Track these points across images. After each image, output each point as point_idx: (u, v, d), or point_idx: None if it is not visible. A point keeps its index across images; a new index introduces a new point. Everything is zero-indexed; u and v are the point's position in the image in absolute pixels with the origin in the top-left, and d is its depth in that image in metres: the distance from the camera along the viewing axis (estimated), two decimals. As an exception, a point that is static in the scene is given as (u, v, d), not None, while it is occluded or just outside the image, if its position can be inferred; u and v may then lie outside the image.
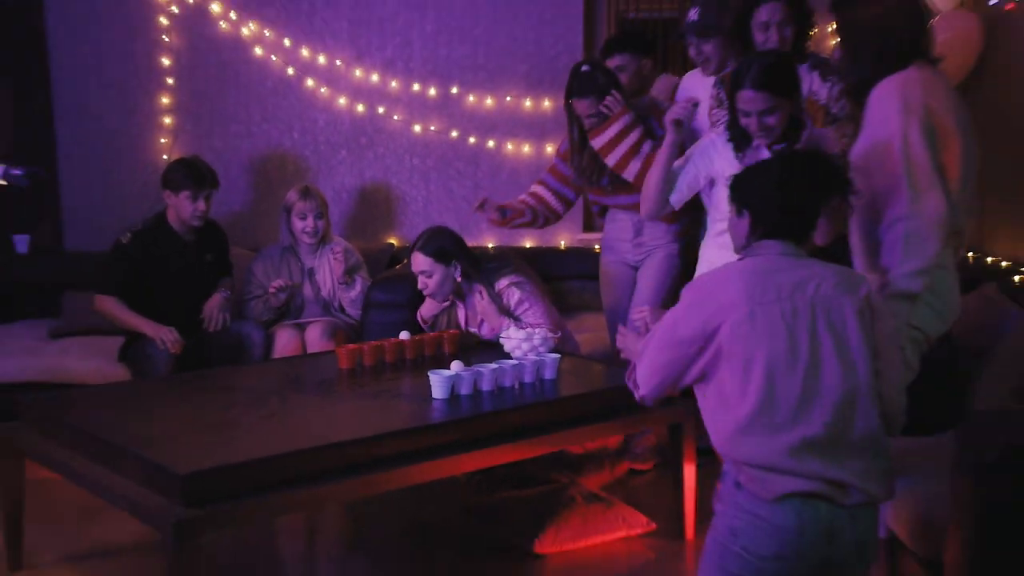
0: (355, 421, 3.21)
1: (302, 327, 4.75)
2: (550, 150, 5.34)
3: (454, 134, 5.70)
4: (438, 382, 3.30)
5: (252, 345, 4.58)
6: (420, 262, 4.02)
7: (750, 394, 2.18)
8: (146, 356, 4.41)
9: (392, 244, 5.71)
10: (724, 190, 2.89)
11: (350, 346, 3.84)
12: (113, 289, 4.50)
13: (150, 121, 5.75)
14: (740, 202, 2.42)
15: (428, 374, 3.34)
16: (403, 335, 3.96)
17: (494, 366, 3.44)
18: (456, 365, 3.38)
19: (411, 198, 5.80)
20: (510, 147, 5.64)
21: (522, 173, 5.58)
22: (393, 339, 3.91)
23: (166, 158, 5.67)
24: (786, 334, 2.20)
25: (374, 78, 5.68)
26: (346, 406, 3.42)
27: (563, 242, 5.69)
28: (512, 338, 3.68)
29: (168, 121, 5.75)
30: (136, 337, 4.51)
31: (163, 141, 5.75)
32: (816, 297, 2.24)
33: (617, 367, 3.44)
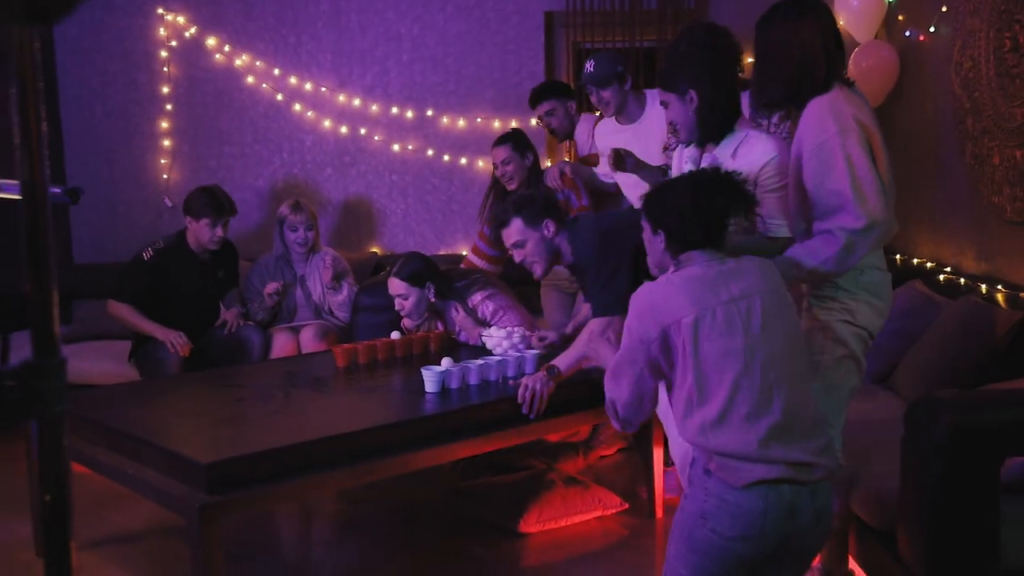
0: (357, 413, 3.20)
1: (296, 330, 4.73)
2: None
3: (430, 152, 5.71)
4: (430, 377, 3.28)
5: (252, 347, 4.55)
6: (396, 286, 3.92)
7: (717, 392, 2.12)
8: (156, 358, 4.38)
9: (375, 252, 5.71)
10: None
11: (346, 346, 3.82)
12: (128, 297, 4.46)
13: (151, 143, 5.70)
14: (656, 222, 2.32)
15: (421, 370, 3.32)
16: (394, 335, 3.95)
17: (480, 362, 3.43)
18: (446, 362, 3.37)
19: (391, 211, 5.79)
20: (481, 164, 5.66)
21: (491, 187, 5.59)
22: (384, 339, 3.90)
23: (166, 177, 5.64)
24: (741, 330, 2.14)
25: (356, 103, 5.68)
26: (346, 400, 3.41)
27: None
28: (493, 336, 3.69)
29: (168, 143, 5.70)
30: (143, 340, 4.47)
31: (163, 162, 5.71)
32: (751, 292, 2.19)
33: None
